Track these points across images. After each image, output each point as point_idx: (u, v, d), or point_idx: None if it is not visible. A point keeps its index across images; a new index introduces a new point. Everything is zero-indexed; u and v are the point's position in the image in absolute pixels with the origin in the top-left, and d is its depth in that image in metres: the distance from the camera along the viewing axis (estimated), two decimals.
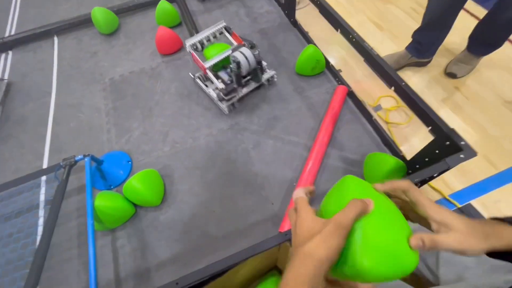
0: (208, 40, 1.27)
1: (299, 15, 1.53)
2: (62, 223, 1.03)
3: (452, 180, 1.09)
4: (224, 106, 1.21)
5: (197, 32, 1.48)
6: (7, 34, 1.76)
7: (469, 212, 1.02)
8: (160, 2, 1.57)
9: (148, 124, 1.27)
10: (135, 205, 1.03)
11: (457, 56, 1.37)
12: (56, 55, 1.59)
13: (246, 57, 1.08)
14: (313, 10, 1.28)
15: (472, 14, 1.61)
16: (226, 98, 1.18)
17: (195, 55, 1.20)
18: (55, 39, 1.67)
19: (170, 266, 0.92)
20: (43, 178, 1.15)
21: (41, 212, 1.08)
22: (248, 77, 1.23)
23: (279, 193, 1.03)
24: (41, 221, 1.05)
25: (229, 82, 1.19)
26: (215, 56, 1.17)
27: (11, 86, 1.48)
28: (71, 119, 1.32)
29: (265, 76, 1.25)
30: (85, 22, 1.67)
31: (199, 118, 1.26)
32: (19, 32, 1.66)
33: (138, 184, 0.96)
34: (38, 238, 1.01)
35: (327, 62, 1.33)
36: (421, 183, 0.93)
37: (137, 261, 0.94)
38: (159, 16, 1.59)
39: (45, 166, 1.20)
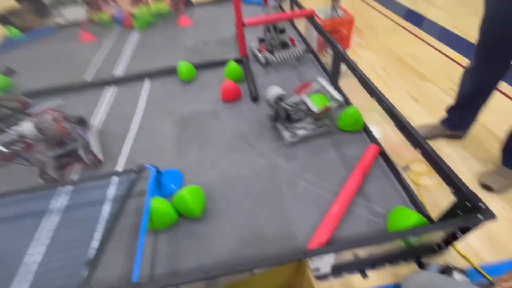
0: None
1: (343, 83, 1.79)
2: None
3: (482, 249, 1.05)
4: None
5: (255, 88, 1.83)
6: (117, 73, 2.35)
7: None
8: (229, 62, 2.00)
9: (202, 153, 1.52)
10: (180, 215, 1.21)
11: (493, 169, 1.26)
12: (145, 92, 2.06)
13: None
14: (355, 80, 1.52)
15: (507, 96, 1.69)
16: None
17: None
18: (147, 81, 2.18)
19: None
20: (116, 178, 1.43)
21: (107, 206, 1.32)
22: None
23: (304, 229, 1.13)
24: (104, 212, 1.29)
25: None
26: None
27: (110, 110, 1.93)
28: (145, 139, 1.66)
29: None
30: (171, 71, 2.17)
31: (244, 154, 1.48)
32: (123, 75, 2.22)
33: (187, 195, 1.15)
34: (98, 226, 1.23)
35: (364, 123, 1.50)
36: (445, 243, 0.96)
37: (171, 262, 1.08)
38: (227, 72, 2.01)
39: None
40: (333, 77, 1.81)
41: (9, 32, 3.18)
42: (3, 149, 1.52)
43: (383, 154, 1.37)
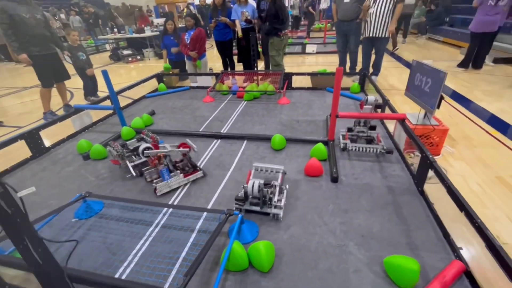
0: None
1: (430, 189, 1.79)
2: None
3: None
4: None
5: (337, 170, 2.02)
6: (222, 131, 2.94)
7: None
8: (317, 144, 2.29)
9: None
10: (250, 264, 1.36)
11: None
12: (241, 150, 2.50)
13: None
14: (442, 188, 1.53)
15: None
16: None
17: None
18: (245, 142, 2.64)
19: None
20: (204, 213, 1.73)
21: (194, 235, 1.59)
22: None
23: None
24: (191, 238, 1.55)
25: None
26: None
27: (213, 158, 2.40)
28: (233, 189, 1.97)
29: None
30: (266, 139, 2.60)
31: (316, 228, 1.59)
32: (227, 135, 2.76)
33: (263, 249, 1.32)
34: (185, 248, 1.48)
35: (448, 235, 1.44)
36: None
37: None
38: (313, 151, 2.28)
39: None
40: (418, 181, 1.84)
41: (159, 87, 4.44)
42: (133, 173, 2.09)
43: (469, 276, 1.26)
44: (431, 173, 1.69)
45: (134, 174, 2.16)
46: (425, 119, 2.26)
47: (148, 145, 2.20)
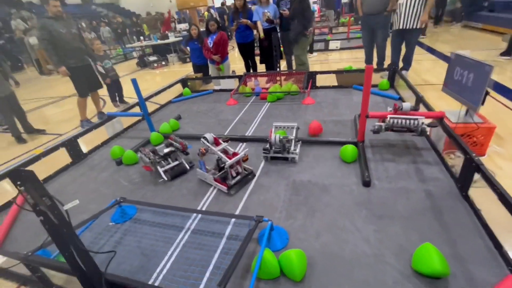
0: None
1: (474, 194, 1.64)
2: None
3: None
4: None
5: (368, 173, 1.92)
6: (247, 133, 2.93)
7: None
8: (346, 145, 2.20)
9: (309, 221, 1.66)
10: (281, 272, 1.33)
11: None
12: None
13: None
14: (490, 192, 1.39)
15: None
16: None
17: None
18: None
19: None
20: (233, 219, 1.73)
21: (224, 241, 1.59)
22: None
23: None
24: (221, 244, 1.56)
25: None
26: None
27: None
28: (261, 194, 1.96)
29: None
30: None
31: (349, 234, 1.52)
32: (252, 138, 2.75)
33: (295, 257, 1.28)
34: (215, 254, 1.49)
35: (500, 246, 1.30)
36: None
37: None
38: (342, 152, 2.19)
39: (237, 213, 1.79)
40: (462, 185, 1.69)
41: (184, 91, 4.55)
42: (164, 177, 2.17)
43: None
44: (476, 175, 1.55)
45: (166, 179, 2.23)
46: (467, 117, 2.07)
47: (210, 136, 2.12)
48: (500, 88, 3.38)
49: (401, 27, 3.77)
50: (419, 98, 2.59)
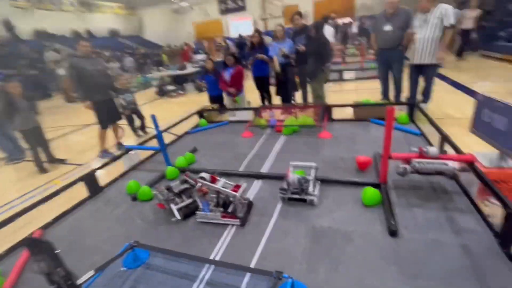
0: None
1: None
2: None
3: None
4: None
5: (394, 220, 1.78)
6: (262, 169, 2.87)
7: None
8: (368, 187, 2.08)
9: (333, 276, 1.52)
10: None
11: None
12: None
13: None
14: None
15: None
16: None
17: None
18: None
19: None
20: (248, 273, 1.62)
21: None
22: None
23: None
24: None
25: None
26: None
27: (255, 201, 2.32)
28: (279, 241, 1.85)
29: None
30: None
31: None
32: (268, 175, 2.69)
33: None
34: None
35: None
36: None
37: None
38: (365, 195, 2.08)
39: (253, 265, 1.68)
40: (503, 240, 1.52)
41: (200, 122, 4.64)
42: (178, 216, 2.12)
43: None
44: None
45: (179, 218, 2.17)
46: (500, 160, 1.94)
47: (205, 175, 2.17)
48: None
49: (417, 62, 3.76)
50: (444, 137, 2.48)
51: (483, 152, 2.09)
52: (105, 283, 1.69)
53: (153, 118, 2.82)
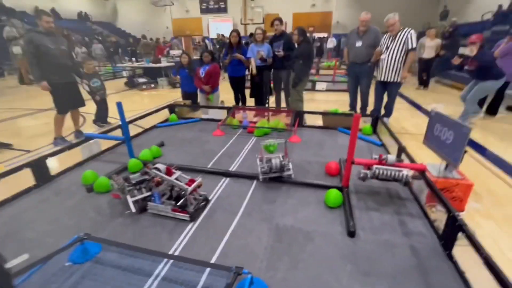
0: None
1: (458, 250, 1.62)
2: None
3: None
4: None
5: (353, 222, 1.87)
6: (231, 168, 2.85)
7: None
8: (331, 190, 2.17)
9: (291, 274, 1.54)
10: None
11: None
12: (251, 191, 2.38)
13: None
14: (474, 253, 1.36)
15: None
16: None
17: None
18: (255, 182, 2.53)
19: None
20: (208, 269, 1.57)
21: None
22: None
23: None
24: None
25: None
26: None
27: (218, 199, 2.28)
28: (242, 237, 1.83)
29: None
30: (276, 178, 2.49)
31: None
32: (237, 173, 2.67)
33: None
34: None
35: None
36: None
37: None
38: (327, 197, 2.16)
39: (213, 261, 1.64)
40: (445, 242, 1.67)
41: (171, 117, 4.48)
42: (133, 209, 2.02)
43: None
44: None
45: (134, 210, 2.05)
46: (446, 171, 2.14)
47: (160, 166, 2.13)
48: (472, 144, 3.61)
49: (382, 79, 4.05)
50: (401, 148, 2.68)
51: (432, 163, 2.30)
52: (44, 280, 1.52)
53: (119, 105, 2.66)
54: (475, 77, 4.10)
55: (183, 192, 2.05)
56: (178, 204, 2.00)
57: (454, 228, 1.57)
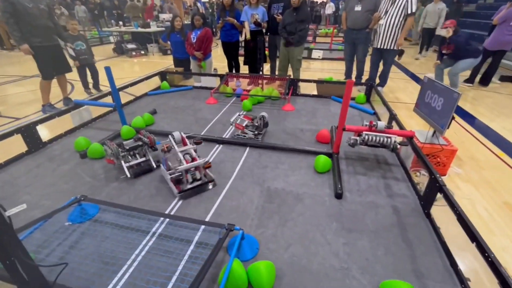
0: None
1: (435, 211, 1.74)
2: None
3: None
4: None
5: (341, 186, 1.96)
6: (225, 135, 2.87)
7: None
8: (321, 155, 2.23)
9: (280, 231, 1.65)
10: (249, 283, 1.30)
11: None
12: (243, 158, 2.43)
13: None
14: (450, 212, 1.48)
15: None
16: None
17: None
18: (247, 149, 2.58)
19: None
20: (202, 226, 1.66)
21: (191, 247, 1.52)
22: None
23: None
24: (188, 251, 1.48)
25: None
26: None
27: (212, 165, 2.33)
28: (234, 199, 1.91)
29: None
30: (268, 146, 2.53)
31: (319, 247, 1.53)
32: (230, 141, 2.70)
33: (264, 270, 1.26)
34: (182, 264, 1.42)
35: (456, 265, 1.39)
36: None
37: None
38: (317, 162, 2.22)
39: (207, 219, 1.73)
40: (425, 202, 1.78)
41: (162, 85, 4.37)
42: (127, 174, 2.06)
43: None
44: (438, 195, 1.64)
45: (129, 175, 2.10)
46: (433, 138, 2.20)
47: (178, 134, 2.16)
48: (461, 112, 3.67)
49: (379, 46, 3.95)
50: (393, 115, 2.71)
51: (420, 130, 2.35)
52: (46, 238, 1.60)
53: (107, 70, 2.57)
54: (454, 59, 4.09)
55: (192, 169, 1.98)
56: (174, 176, 2.00)
57: (434, 189, 1.66)
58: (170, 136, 2.12)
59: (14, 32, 2.99)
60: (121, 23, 8.64)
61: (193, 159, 2.02)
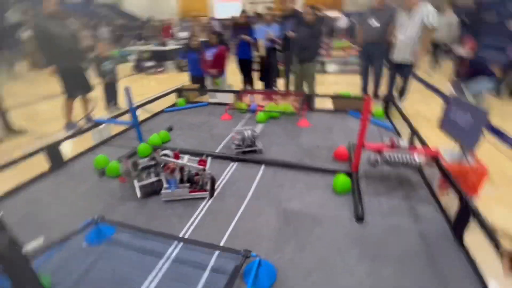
0: None
1: (469, 238, 1.59)
2: None
3: None
4: None
5: (362, 208, 1.86)
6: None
7: None
8: (340, 175, 2.15)
9: (298, 256, 1.57)
10: None
11: None
12: (259, 176, 2.39)
13: None
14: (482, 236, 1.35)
15: None
16: None
17: None
18: (263, 167, 2.54)
19: None
20: (216, 252, 1.61)
21: (206, 274, 1.47)
22: None
23: None
24: (203, 280, 1.43)
25: None
26: None
27: (227, 184, 2.30)
28: (250, 220, 1.86)
29: None
30: (284, 164, 2.48)
31: (342, 276, 1.44)
32: (245, 158, 2.67)
33: None
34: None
35: None
36: None
37: None
38: (336, 182, 2.14)
39: (222, 243, 1.68)
40: (456, 229, 1.65)
41: (179, 102, 4.47)
42: (138, 194, 2.06)
43: None
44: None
45: (139, 196, 2.10)
46: (461, 156, 2.07)
47: (168, 152, 2.18)
48: (490, 128, 3.47)
49: (397, 60, 3.87)
50: (414, 133, 2.60)
51: (446, 148, 2.23)
52: (64, 259, 1.60)
53: (127, 91, 2.66)
54: (472, 77, 3.81)
55: (198, 172, 2.08)
56: (194, 186, 2.07)
57: (466, 213, 1.54)
58: (164, 156, 2.12)
59: (44, 55, 3.19)
60: (143, 40, 9.08)
61: (200, 162, 2.17)
